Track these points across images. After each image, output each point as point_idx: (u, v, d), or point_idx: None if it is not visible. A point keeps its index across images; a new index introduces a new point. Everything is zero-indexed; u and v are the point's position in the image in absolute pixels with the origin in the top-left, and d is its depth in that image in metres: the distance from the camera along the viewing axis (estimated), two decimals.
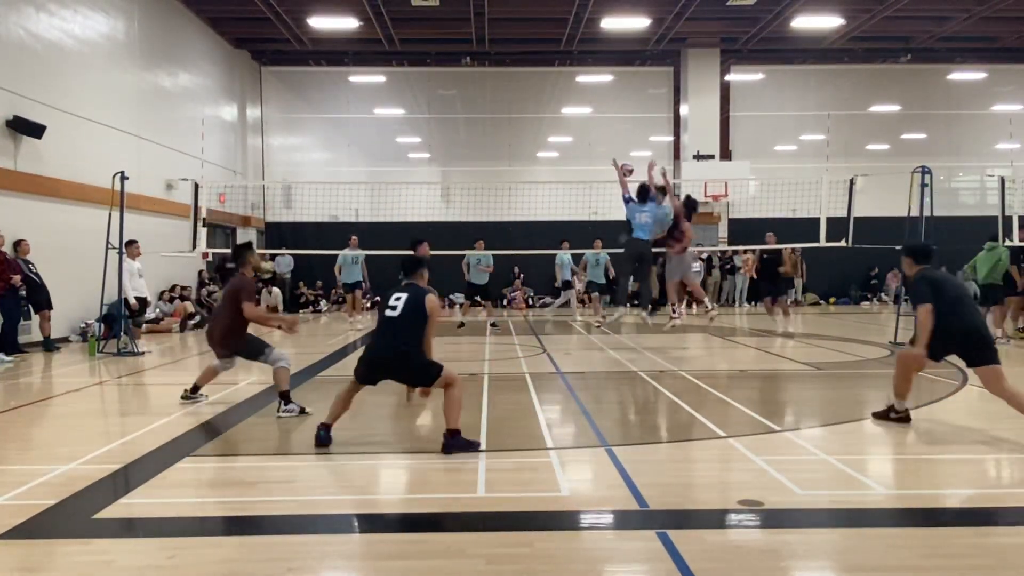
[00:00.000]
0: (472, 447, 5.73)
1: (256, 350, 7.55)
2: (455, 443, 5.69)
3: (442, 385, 5.81)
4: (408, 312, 5.76)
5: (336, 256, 17.50)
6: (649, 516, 4.37)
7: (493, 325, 16.20)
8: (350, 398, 6.09)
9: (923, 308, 6.34)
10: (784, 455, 5.67)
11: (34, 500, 4.68)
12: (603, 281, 17.46)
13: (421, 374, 5.87)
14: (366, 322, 17.26)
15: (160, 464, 5.51)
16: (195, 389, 7.94)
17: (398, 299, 5.83)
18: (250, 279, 7.63)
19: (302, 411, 7.32)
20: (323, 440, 5.92)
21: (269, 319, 8.00)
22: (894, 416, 6.70)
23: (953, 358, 6.68)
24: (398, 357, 5.77)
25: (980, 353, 6.29)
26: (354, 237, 17.79)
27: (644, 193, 11.96)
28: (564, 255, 18.34)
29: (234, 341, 7.52)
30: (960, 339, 6.38)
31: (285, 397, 7.31)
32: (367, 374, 5.95)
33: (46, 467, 5.39)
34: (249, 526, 4.33)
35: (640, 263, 12.09)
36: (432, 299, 5.85)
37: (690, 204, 12.33)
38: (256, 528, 4.29)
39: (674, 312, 12.01)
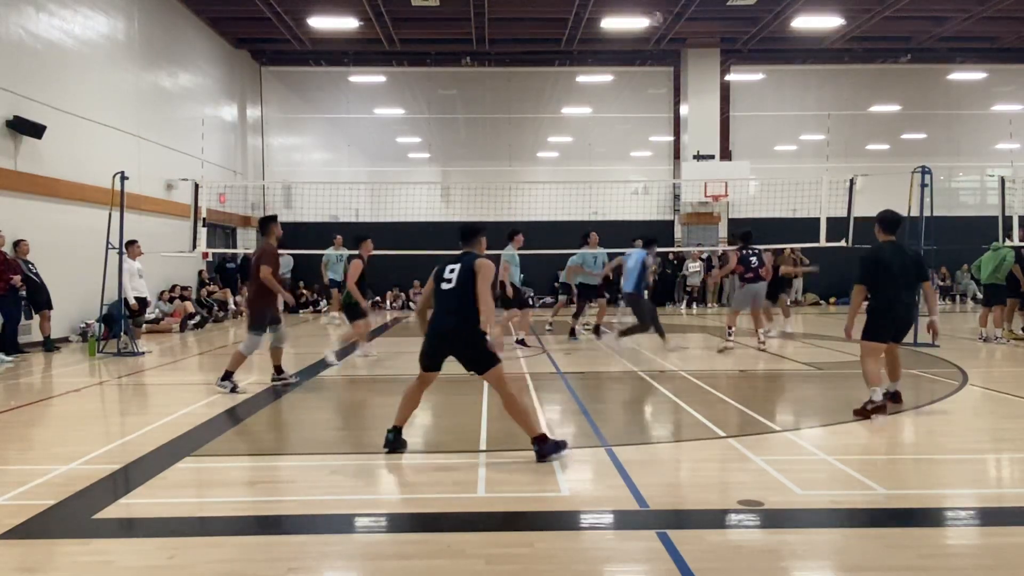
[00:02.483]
0: (561, 447, 5.47)
1: (255, 324, 8.51)
2: (547, 448, 5.39)
3: (493, 382, 5.50)
4: (463, 281, 5.47)
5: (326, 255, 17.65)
6: (649, 516, 4.37)
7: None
8: (419, 394, 5.77)
9: (855, 287, 7.03)
10: (784, 455, 5.67)
11: (34, 500, 4.68)
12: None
13: (477, 357, 5.47)
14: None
15: (160, 464, 5.51)
16: (278, 370, 8.92)
17: (452, 271, 5.55)
18: (273, 246, 8.67)
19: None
20: (392, 444, 5.65)
21: (278, 287, 8.75)
22: (871, 407, 6.84)
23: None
24: (456, 329, 5.46)
25: (904, 331, 7.18)
26: (339, 237, 17.83)
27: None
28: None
29: (260, 305, 8.54)
30: (893, 322, 6.96)
31: (278, 369, 8.84)
32: (429, 355, 5.62)
33: (46, 467, 5.39)
34: (249, 526, 4.33)
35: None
36: (483, 261, 5.53)
37: (742, 236, 12.56)
38: (256, 528, 4.29)
39: (766, 332, 12.27)
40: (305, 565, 3.72)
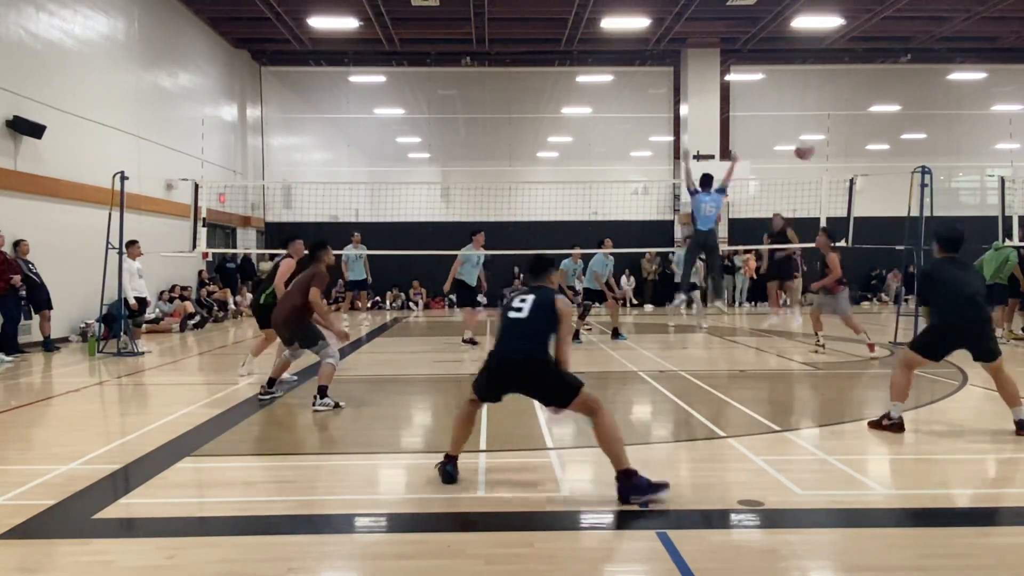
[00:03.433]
0: (660, 489, 4.59)
1: (312, 339, 7.87)
2: (636, 485, 4.58)
3: (581, 409, 4.83)
4: (536, 313, 4.99)
5: (339, 255, 17.46)
6: (649, 516, 4.37)
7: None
8: (472, 418, 5.17)
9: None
10: (784, 455, 5.67)
11: (34, 500, 4.68)
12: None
13: (555, 389, 4.86)
14: (367, 320, 17.20)
15: (160, 464, 5.50)
16: (271, 383, 8.14)
17: (523, 300, 5.09)
18: (324, 271, 8.04)
19: (336, 406, 7.57)
20: (450, 476, 4.99)
21: (326, 314, 8.15)
22: (887, 423, 6.43)
23: (949, 357, 6.66)
24: (527, 362, 4.90)
25: (979, 347, 6.38)
26: (356, 234, 17.72)
27: (708, 182, 12.03)
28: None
29: (296, 325, 7.87)
30: (952, 340, 6.41)
31: (322, 392, 7.60)
32: (490, 387, 5.07)
33: (46, 467, 5.39)
34: (249, 526, 4.32)
35: (708, 254, 12.27)
36: (563, 300, 5.09)
37: (832, 235, 11.72)
38: (256, 528, 4.29)
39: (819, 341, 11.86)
40: (305, 565, 3.72)
